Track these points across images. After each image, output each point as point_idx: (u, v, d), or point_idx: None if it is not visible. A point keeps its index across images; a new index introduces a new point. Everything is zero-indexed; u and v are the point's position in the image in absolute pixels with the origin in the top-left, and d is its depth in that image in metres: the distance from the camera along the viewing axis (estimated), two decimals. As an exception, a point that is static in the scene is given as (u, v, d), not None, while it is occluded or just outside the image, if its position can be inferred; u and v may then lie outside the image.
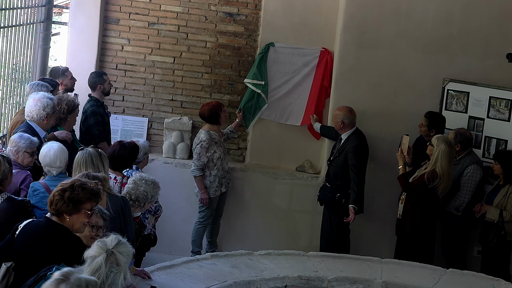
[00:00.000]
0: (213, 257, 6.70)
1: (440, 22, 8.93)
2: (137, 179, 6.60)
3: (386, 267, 6.95)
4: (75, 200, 4.78)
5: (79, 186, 4.83)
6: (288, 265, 6.72)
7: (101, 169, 6.10)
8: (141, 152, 7.63)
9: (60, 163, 6.33)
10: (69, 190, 4.79)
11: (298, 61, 9.33)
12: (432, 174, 7.97)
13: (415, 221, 8.19)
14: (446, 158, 7.96)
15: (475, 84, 8.76)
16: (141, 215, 7.25)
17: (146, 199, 6.58)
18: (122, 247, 4.29)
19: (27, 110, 7.11)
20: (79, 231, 4.87)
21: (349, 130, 8.64)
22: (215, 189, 8.84)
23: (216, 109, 8.82)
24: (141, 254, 7.30)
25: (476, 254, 8.77)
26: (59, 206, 4.77)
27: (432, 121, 8.56)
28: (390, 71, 9.04)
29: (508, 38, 8.83)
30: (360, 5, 9.01)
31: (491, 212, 8.15)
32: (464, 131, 8.48)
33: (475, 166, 8.31)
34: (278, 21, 9.45)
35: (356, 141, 8.57)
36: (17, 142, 6.51)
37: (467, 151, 8.41)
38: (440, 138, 8.06)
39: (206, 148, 8.70)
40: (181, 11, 9.61)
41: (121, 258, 4.23)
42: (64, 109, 7.51)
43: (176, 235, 9.32)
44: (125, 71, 9.69)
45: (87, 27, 9.48)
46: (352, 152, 8.49)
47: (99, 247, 4.23)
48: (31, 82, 7.96)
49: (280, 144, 9.61)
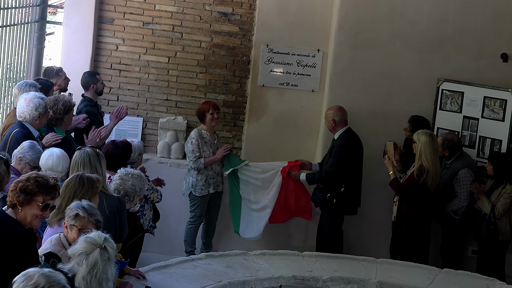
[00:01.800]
0: (208, 257, 6.70)
1: (435, 22, 8.95)
2: (123, 174, 6.63)
3: (381, 267, 6.95)
4: (27, 192, 4.72)
5: (34, 178, 4.79)
6: (282, 265, 6.72)
7: (98, 169, 6.11)
8: (135, 153, 7.64)
9: (62, 168, 6.29)
10: (23, 182, 4.76)
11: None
12: (420, 169, 8.04)
13: (409, 222, 8.22)
14: (429, 149, 8.03)
15: (469, 84, 8.77)
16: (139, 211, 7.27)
17: (135, 193, 6.62)
18: (109, 241, 4.31)
19: (19, 111, 7.07)
20: (32, 224, 4.78)
21: (341, 129, 8.64)
22: (201, 187, 8.81)
23: (203, 109, 8.82)
24: (135, 255, 7.30)
25: (471, 254, 8.80)
26: (12, 196, 4.74)
27: (416, 125, 8.58)
28: (385, 71, 9.05)
29: (502, 38, 8.85)
30: (354, 5, 9.02)
31: (484, 203, 8.22)
32: (451, 136, 8.50)
33: (465, 170, 8.35)
34: (273, 21, 9.46)
35: (343, 140, 8.57)
36: (26, 151, 6.39)
37: (457, 155, 8.44)
38: (420, 132, 8.16)
39: (196, 144, 8.71)
40: (176, 11, 9.60)
41: (111, 252, 4.26)
42: (61, 110, 7.48)
43: (171, 235, 9.31)
44: (119, 71, 9.69)
45: (82, 26, 9.48)
46: (335, 148, 8.53)
47: (88, 243, 4.21)
48: (18, 83, 7.92)
49: (275, 144, 9.61)
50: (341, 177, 8.51)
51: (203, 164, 8.72)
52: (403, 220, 8.26)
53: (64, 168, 6.34)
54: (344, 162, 8.51)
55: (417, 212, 8.18)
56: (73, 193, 5.36)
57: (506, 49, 8.79)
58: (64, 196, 5.34)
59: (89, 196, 5.32)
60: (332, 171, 8.50)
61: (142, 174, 6.85)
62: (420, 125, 8.55)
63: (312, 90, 9.54)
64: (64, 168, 6.34)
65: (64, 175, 6.31)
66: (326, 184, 8.58)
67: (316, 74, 9.52)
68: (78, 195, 5.31)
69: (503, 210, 8.14)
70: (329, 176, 8.52)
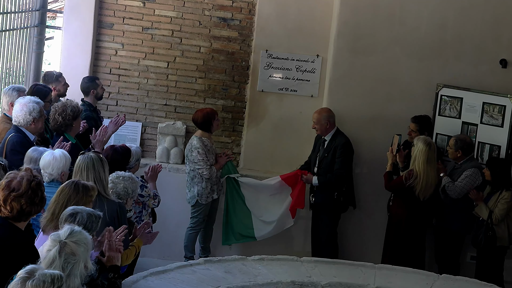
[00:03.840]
0: (207, 262, 6.68)
1: (434, 28, 8.96)
2: (114, 177, 6.63)
3: (380, 272, 6.94)
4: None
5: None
6: (281, 271, 6.71)
7: (101, 173, 6.12)
8: (133, 158, 7.63)
9: (51, 170, 6.28)
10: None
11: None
12: (409, 172, 8.17)
13: (399, 227, 8.31)
14: (422, 157, 8.11)
15: (468, 90, 8.78)
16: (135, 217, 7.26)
17: (127, 195, 6.62)
18: (76, 236, 4.18)
19: (14, 115, 7.07)
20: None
21: (332, 130, 8.77)
22: (206, 195, 8.85)
23: (209, 116, 8.82)
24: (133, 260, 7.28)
25: (470, 260, 8.80)
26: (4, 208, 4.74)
27: (422, 124, 8.62)
28: (384, 76, 9.06)
29: (501, 44, 8.86)
30: (354, 11, 9.03)
31: (482, 209, 8.22)
32: (464, 137, 8.52)
33: (475, 169, 8.34)
34: (272, 26, 9.47)
35: (344, 138, 8.73)
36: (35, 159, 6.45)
37: (468, 157, 8.43)
38: (420, 138, 8.26)
39: (205, 153, 8.73)
40: (175, 16, 9.61)
41: (75, 247, 4.12)
42: (69, 115, 7.48)
43: (170, 240, 9.30)
44: (119, 76, 9.69)
45: (81, 31, 9.48)
46: (340, 148, 8.64)
47: (52, 240, 4.15)
48: (4, 89, 7.91)
49: (274, 149, 9.61)
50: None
51: (215, 172, 8.79)
52: (393, 225, 8.36)
53: (56, 169, 6.29)
54: (349, 161, 8.73)
55: (407, 218, 8.25)
56: (67, 199, 5.33)
57: (505, 55, 8.79)
58: (58, 202, 5.31)
59: (82, 203, 5.30)
60: (344, 172, 8.65)
61: (134, 176, 6.84)
62: (426, 123, 8.66)
63: (311, 95, 9.54)
64: (57, 170, 6.30)
65: (56, 177, 6.30)
66: (336, 185, 8.65)
67: (315, 80, 9.53)
68: (72, 202, 5.28)
69: (501, 216, 8.14)
70: (341, 177, 8.66)
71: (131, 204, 6.93)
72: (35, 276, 3.64)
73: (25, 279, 3.63)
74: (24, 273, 3.66)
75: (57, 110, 7.45)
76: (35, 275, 3.64)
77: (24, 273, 3.66)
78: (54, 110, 7.50)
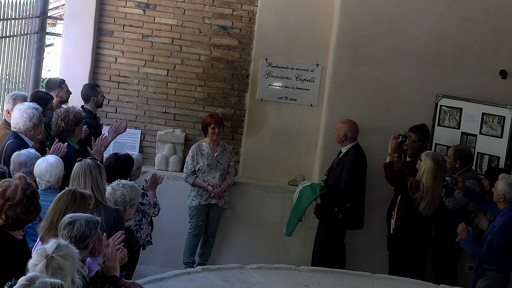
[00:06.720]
0: (204, 270, 6.69)
1: (434, 38, 8.96)
2: (114, 184, 6.62)
3: (377, 282, 6.95)
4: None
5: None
6: (279, 279, 6.71)
7: (99, 180, 6.11)
8: (134, 166, 7.64)
9: (49, 177, 6.26)
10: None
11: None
12: (416, 184, 8.05)
13: (406, 236, 8.22)
14: (431, 175, 8.01)
15: (468, 100, 8.78)
16: (135, 225, 7.24)
17: (125, 203, 6.57)
18: (63, 250, 4.13)
19: (13, 122, 7.08)
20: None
21: (350, 143, 8.66)
22: (192, 198, 8.95)
23: (206, 122, 8.97)
24: (131, 267, 7.27)
25: (468, 270, 8.76)
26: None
27: (422, 134, 8.61)
28: (383, 86, 9.06)
29: (501, 54, 8.86)
30: (354, 20, 9.03)
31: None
32: (463, 147, 8.51)
33: (473, 180, 8.33)
34: (272, 35, 9.48)
35: (355, 155, 8.59)
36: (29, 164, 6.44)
37: (466, 168, 8.43)
38: (429, 154, 8.13)
39: (191, 157, 8.93)
40: (175, 24, 9.62)
41: (62, 262, 4.07)
42: (72, 121, 7.48)
43: (168, 247, 9.29)
44: (118, 83, 9.70)
45: (81, 38, 9.50)
46: (348, 164, 8.53)
47: (38, 255, 4.08)
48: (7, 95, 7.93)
49: (273, 158, 9.61)
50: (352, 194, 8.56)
51: (192, 182, 8.92)
52: (398, 234, 8.29)
53: (53, 176, 6.28)
54: (356, 179, 8.56)
55: (411, 229, 8.20)
56: (64, 208, 5.31)
57: (505, 66, 8.79)
58: (56, 211, 5.28)
59: (80, 212, 5.27)
60: (347, 191, 8.51)
61: (136, 185, 6.83)
62: (426, 133, 8.63)
63: (310, 104, 9.54)
64: (54, 177, 6.29)
65: (54, 184, 6.29)
66: (338, 203, 8.57)
67: (314, 89, 9.53)
68: (69, 210, 5.26)
69: (501, 226, 8.11)
70: (344, 196, 8.52)
71: (131, 214, 6.88)
72: (35, 284, 3.63)
73: (25, 286, 3.62)
74: (25, 281, 3.65)
75: (59, 115, 7.45)
76: (36, 283, 3.64)
77: (25, 280, 3.65)
78: (56, 116, 7.50)
